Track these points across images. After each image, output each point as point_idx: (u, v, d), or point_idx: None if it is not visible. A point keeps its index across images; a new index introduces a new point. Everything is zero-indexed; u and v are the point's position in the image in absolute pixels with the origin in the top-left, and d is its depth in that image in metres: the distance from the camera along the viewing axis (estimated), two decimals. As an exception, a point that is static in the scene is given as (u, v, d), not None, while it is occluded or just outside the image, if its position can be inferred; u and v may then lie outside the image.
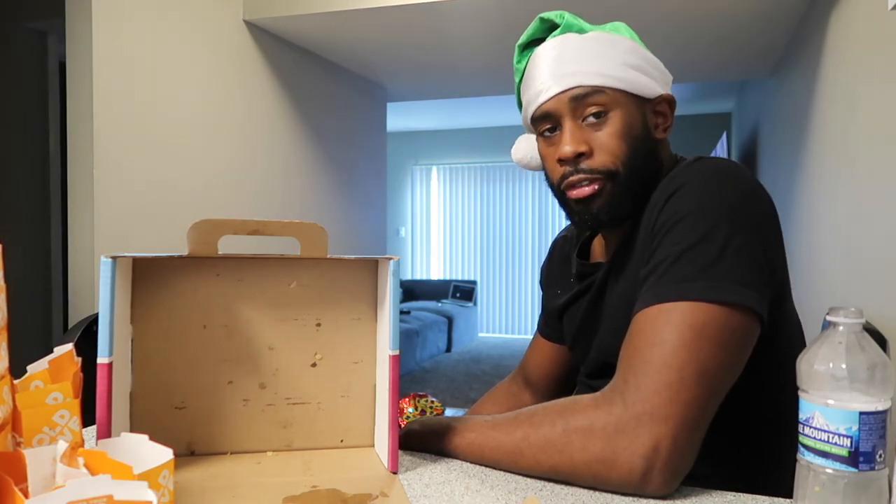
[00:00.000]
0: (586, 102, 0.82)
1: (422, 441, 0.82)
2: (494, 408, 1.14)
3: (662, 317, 0.71)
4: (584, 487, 0.70)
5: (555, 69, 0.83)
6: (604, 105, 0.82)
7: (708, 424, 0.70)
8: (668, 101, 0.87)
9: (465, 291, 6.66)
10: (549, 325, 1.09)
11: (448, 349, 6.11)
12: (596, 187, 0.82)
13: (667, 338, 0.69)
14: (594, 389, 0.76)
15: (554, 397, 1.03)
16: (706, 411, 0.69)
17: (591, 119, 0.82)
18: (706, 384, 0.68)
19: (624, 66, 0.83)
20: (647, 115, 0.85)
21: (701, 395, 0.68)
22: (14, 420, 0.50)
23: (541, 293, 1.13)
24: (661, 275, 0.73)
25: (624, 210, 0.84)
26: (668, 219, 0.76)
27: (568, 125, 0.83)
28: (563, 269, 1.05)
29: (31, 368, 0.57)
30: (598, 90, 0.82)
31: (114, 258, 0.67)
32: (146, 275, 0.76)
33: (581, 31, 0.86)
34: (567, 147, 0.82)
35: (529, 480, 0.72)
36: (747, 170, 0.81)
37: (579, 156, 0.82)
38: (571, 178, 0.83)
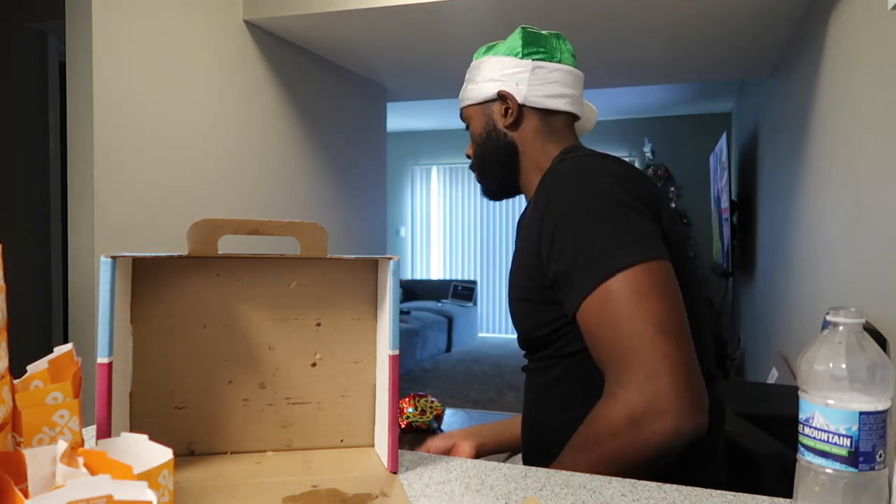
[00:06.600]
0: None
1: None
2: None
3: (600, 303, 0.80)
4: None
5: None
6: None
7: (695, 355, 0.79)
8: (500, 96, 1.03)
9: (464, 291, 6.66)
10: None
11: (448, 349, 6.10)
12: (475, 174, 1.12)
13: (617, 318, 0.79)
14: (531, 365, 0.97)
15: None
16: (686, 348, 0.78)
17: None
18: (669, 330, 0.77)
19: (465, 85, 1.07)
20: (491, 113, 1.05)
21: (672, 339, 0.77)
22: (14, 420, 0.50)
23: None
24: (577, 271, 0.83)
25: (495, 181, 1.09)
26: (550, 219, 0.86)
27: None
28: None
29: (31, 368, 0.57)
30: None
31: (114, 258, 0.67)
32: (146, 275, 0.76)
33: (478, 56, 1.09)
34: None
35: (529, 480, 0.72)
36: (606, 161, 0.91)
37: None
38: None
